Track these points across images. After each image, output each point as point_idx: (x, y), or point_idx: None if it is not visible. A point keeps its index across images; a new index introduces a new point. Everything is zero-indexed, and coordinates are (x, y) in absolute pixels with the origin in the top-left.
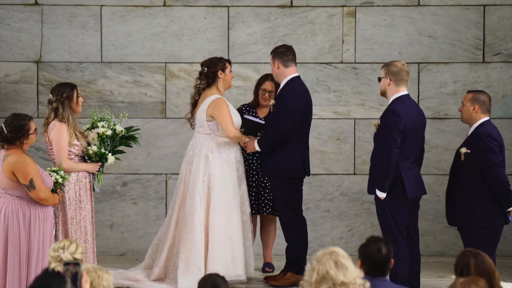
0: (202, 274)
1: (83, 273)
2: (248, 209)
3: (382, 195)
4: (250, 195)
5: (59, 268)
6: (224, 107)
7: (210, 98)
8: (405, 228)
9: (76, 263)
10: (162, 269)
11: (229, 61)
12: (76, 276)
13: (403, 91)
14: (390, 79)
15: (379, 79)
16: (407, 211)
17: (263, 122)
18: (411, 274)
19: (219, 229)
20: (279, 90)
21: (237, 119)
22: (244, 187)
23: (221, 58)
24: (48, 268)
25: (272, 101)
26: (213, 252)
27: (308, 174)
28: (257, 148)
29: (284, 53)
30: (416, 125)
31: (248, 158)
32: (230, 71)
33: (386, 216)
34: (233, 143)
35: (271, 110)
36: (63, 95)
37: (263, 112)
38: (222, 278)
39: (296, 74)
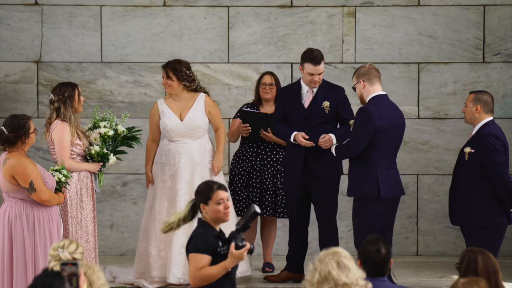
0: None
1: (81, 273)
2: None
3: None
4: (253, 197)
5: (58, 267)
6: (150, 113)
7: None
8: (376, 229)
9: (73, 263)
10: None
11: (163, 68)
12: (74, 276)
13: (378, 91)
14: (363, 81)
15: (354, 89)
16: (381, 212)
17: (261, 112)
18: None
19: (142, 226)
20: (317, 91)
21: (163, 125)
22: (183, 197)
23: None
24: (48, 268)
25: (327, 103)
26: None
27: None
28: (335, 142)
29: None
30: (391, 125)
31: (251, 159)
32: (162, 77)
33: (359, 217)
34: (168, 147)
35: (326, 112)
36: (64, 95)
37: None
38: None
39: None
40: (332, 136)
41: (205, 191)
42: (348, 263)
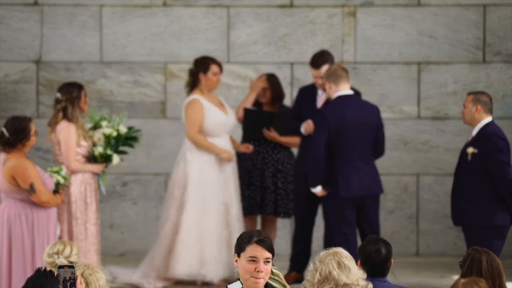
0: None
1: (78, 276)
2: (235, 210)
3: (316, 190)
4: (255, 195)
5: (55, 270)
6: (194, 109)
7: (188, 98)
8: (343, 229)
9: (70, 266)
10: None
11: (217, 63)
12: (71, 279)
13: (343, 90)
14: (329, 82)
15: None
16: (346, 211)
17: (264, 110)
18: None
19: (187, 230)
20: None
21: (216, 120)
22: (232, 188)
23: (207, 59)
24: (40, 268)
25: None
26: (177, 251)
27: None
28: None
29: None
30: (353, 125)
31: (253, 158)
32: (215, 74)
33: (327, 217)
34: (219, 143)
35: None
36: (73, 95)
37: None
38: None
39: None
40: None
41: (241, 240)
42: (349, 263)
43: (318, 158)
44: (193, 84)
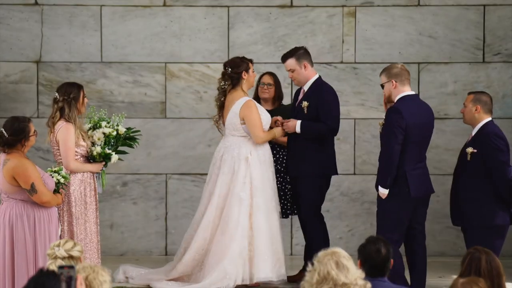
0: (227, 277)
1: (78, 276)
2: (279, 208)
3: (384, 191)
4: None
5: (55, 265)
6: (254, 110)
7: (240, 100)
8: (400, 227)
9: (70, 266)
10: (188, 268)
11: (251, 61)
12: (71, 279)
13: (407, 91)
14: (394, 81)
15: (382, 86)
16: (408, 211)
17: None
18: (413, 273)
19: (264, 230)
20: (307, 90)
21: (266, 117)
22: (276, 187)
23: (244, 58)
24: (43, 268)
25: (305, 103)
26: (261, 254)
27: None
28: (298, 129)
29: (308, 54)
30: (421, 124)
31: None
32: (253, 71)
33: (384, 214)
34: (266, 144)
35: (305, 112)
36: (70, 96)
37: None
38: None
39: (318, 75)
40: (297, 123)
41: None
42: (347, 263)
43: (393, 159)
44: (232, 86)
